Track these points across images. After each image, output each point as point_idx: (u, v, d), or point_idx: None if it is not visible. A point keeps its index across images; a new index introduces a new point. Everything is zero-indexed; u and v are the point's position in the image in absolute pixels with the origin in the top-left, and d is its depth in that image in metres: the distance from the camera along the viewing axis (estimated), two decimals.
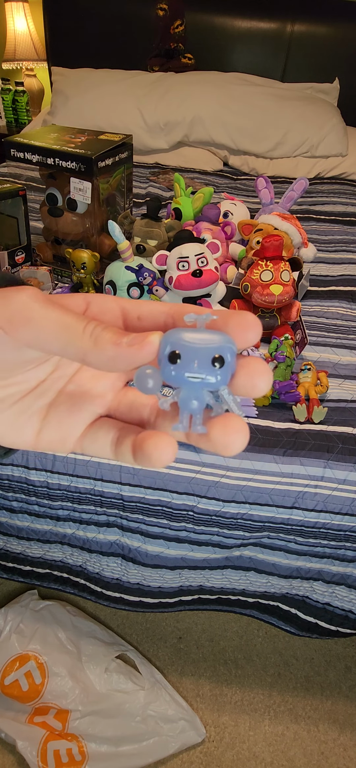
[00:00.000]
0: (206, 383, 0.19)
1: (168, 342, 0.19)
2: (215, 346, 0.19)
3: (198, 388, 0.19)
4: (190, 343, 0.19)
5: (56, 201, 1.09)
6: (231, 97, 1.95)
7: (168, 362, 0.19)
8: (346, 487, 0.73)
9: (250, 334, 0.19)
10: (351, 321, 1.06)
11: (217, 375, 0.19)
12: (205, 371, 0.19)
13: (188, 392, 0.20)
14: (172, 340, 0.19)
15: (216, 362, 0.19)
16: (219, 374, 0.19)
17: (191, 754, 0.98)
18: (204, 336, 0.19)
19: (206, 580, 0.86)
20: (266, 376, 0.19)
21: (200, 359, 0.19)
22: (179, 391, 0.20)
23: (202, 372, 0.19)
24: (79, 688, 0.98)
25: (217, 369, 0.19)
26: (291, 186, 1.25)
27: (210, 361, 0.19)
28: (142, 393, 0.20)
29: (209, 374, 0.19)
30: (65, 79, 2.07)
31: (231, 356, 0.19)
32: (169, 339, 0.19)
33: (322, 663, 1.15)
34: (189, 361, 0.19)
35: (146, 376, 0.19)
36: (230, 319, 0.20)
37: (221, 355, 0.19)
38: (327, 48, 2.14)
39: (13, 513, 0.84)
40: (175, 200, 1.23)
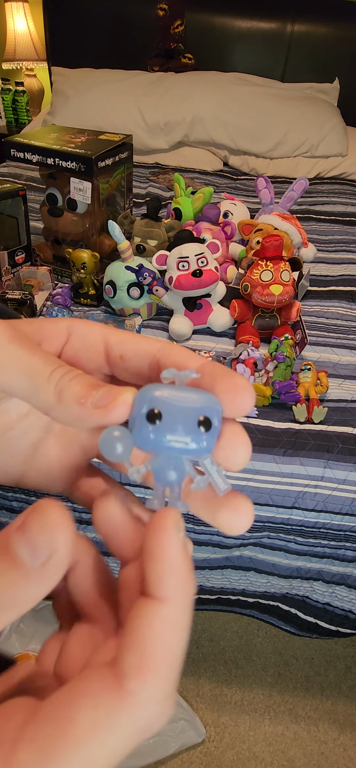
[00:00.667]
0: (190, 450, 0.16)
1: (146, 399, 0.16)
2: (200, 406, 0.16)
3: (177, 455, 0.17)
4: (172, 402, 0.16)
5: (56, 201, 1.09)
6: (231, 97, 1.95)
7: (146, 422, 0.16)
8: (346, 487, 0.73)
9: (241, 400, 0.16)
10: (351, 321, 1.06)
11: (202, 440, 0.16)
12: (190, 435, 0.16)
13: (165, 460, 0.17)
14: (151, 396, 0.16)
15: (202, 425, 0.16)
16: (205, 439, 0.16)
17: (191, 754, 0.98)
18: (186, 395, 0.16)
19: (206, 580, 0.86)
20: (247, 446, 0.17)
21: (184, 421, 0.16)
22: (153, 458, 0.17)
23: (186, 435, 0.16)
24: None
25: (203, 433, 0.16)
26: (291, 186, 1.25)
27: (196, 423, 0.16)
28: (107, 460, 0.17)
29: (195, 439, 0.16)
30: (65, 79, 2.07)
31: (218, 419, 0.16)
32: (147, 395, 0.16)
33: (322, 663, 1.15)
34: (172, 422, 0.16)
35: (113, 440, 0.16)
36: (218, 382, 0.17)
37: (207, 416, 0.16)
38: (327, 48, 2.14)
39: (13, 513, 0.84)
40: (175, 200, 1.23)
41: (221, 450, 0.17)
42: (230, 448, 0.17)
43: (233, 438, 0.17)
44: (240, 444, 0.17)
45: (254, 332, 0.96)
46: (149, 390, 0.16)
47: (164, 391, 0.16)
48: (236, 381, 0.17)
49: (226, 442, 0.17)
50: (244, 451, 0.17)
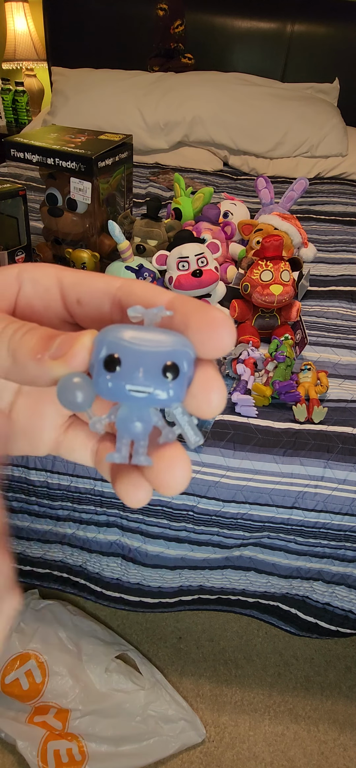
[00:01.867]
0: (154, 399, 0.14)
1: (104, 342, 0.14)
2: (167, 350, 0.14)
3: (143, 405, 0.15)
4: (134, 345, 0.14)
5: (56, 201, 1.09)
6: (231, 97, 1.95)
7: (103, 369, 0.14)
8: (346, 487, 0.73)
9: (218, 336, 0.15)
10: (351, 321, 1.06)
11: (169, 389, 0.14)
12: (152, 383, 0.14)
13: (130, 411, 0.15)
14: (109, 339, 0.14)
15: (168, 371, 0.14)
16: (172, 388, 0.14)
17: (191, 754, 0.98)
18: (153, 336, 0.15)
19: (206, 580, 0.86)
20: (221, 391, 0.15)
21: (146, 367, 0.14)
22: (118, 408, 0.15)
23: (149, 384, 0.14)
24: (80, 688, 0.98)
25: (169, 381, 0.14)
26: (291, 186, 1.25)
27: (160, 369, 0.14)
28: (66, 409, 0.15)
29: (159, 387, 0.14)
30: (65, 79, 2.07)
31: (188, 365, 0.15)
32: (106, 338, 0.14)
33: (322, 663, 1.15)
34: (132, 368, 0.14)
35: (72, 387, 0.15)
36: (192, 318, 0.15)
37: (174, 362, 0.14)
38: (327, 48, 2.14)
39: (13, 513, 0.84)
40: (175, 200, 1.23)
41: (192, 397, 0.15)
42: (201, 394, 0.15)
43: (206, 383, 0.15)
44: (213, 389, 0.15)
45: (254, 332, 0.96)
46: (108, 332, 0.15)
47: (126, 332, 0.15)
48: (213, 315, 0.15)
49: (197, 388, 0.15)
50: (217, 397, 0.15)
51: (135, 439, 0.15)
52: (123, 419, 0.15)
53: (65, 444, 0.20)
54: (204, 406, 0.15)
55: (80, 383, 0.15)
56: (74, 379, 0.15)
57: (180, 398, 0.15)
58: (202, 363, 0.15)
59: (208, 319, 0.15)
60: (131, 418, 0.15)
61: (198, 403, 0.15)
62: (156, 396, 0.14)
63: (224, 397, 0.15)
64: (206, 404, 0.15)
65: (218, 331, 0.15)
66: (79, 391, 0.15)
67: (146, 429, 0.15)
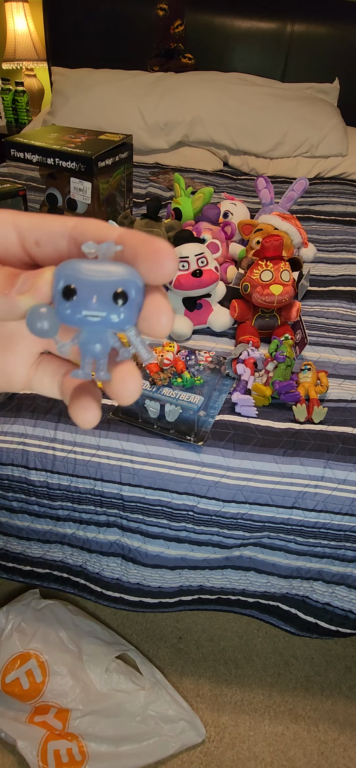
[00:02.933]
0: (108, 322, 0.17)
1: (62, 275, 0.16)
2: (116, 279, 0.16)
3: (100, 329, 0.17)
4: (87, 276, 0.16)
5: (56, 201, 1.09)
6: (231, 97, 1.95)
7: (62, 299, 0.16)
8: (346, 487, 0.73)
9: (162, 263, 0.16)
10: (351, 321, 1.07)
11: (120, 313, 0.16)
12: (105, 308, 0.16)
13: (90, 334, 0.17)
14: (66, 272, 0.16)
15: (119, 298, 0.16)
16: (122, 312, 0.16)
17: (191, 754, 0.98)
18: (105, 268, 0.17)
19: (206, 580, 0.86)
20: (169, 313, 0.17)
21: (99, 294, 0.16)
22: (79, 333, 0.18)
23: (102, 309, 0.16)
24: (80, 688, 0.98)
25: (119, 306, 0.16)
26: (291, 186, 1.25)
27: (111, 296, 0.16)
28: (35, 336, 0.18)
29: (111, 312, 0.16)
30: (65, 79, 2.07)
31: (136, 291, 0.17)
32: (63, 272, 0.16)
33: (322, 663, 1.15)
34: (86, 297, 0.16)
35: (39, 316, 0.17)
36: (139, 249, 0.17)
37: (123, 289, 0.16)
38: (327, 48, 2.14)
39: (13, 513, 0.84)
40: (175, 200, 1.23)
41: (143, 320, 0.17)
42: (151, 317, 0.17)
43: (155, 307, 0.17)
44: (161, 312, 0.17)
45: (254, 332, 0.96)
46: (64, 266, 0.17)
47: (80, 265, 0.16)
48: (156, 245, 0.16)
49: (147, 312, 0.17)
50: (165, 318, 0.17)
51: (96, 359, 0.18)
52: (85, 342, 0.17)
53: (36, 379, 0.22)
54: (156, 328, 0.17)
55: (46, 313, 0.17)
56: (41, 309, 0.17)
57: (131, 321, 0.17)
58: (152, 290, 0.17)
59: (153, 248, 0.16)
60: (91, 341, 0.17)
61: (150, 325, 0.17)
62: (109, 319, 0.17)
63: (172, 319, 0.17)
64: (157, 326, 0.17)
65: (162, 259, 0.16)
66: (46, 320, 0.17)
67: (105, 350, 0.17)
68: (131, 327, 0.17)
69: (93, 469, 0.76)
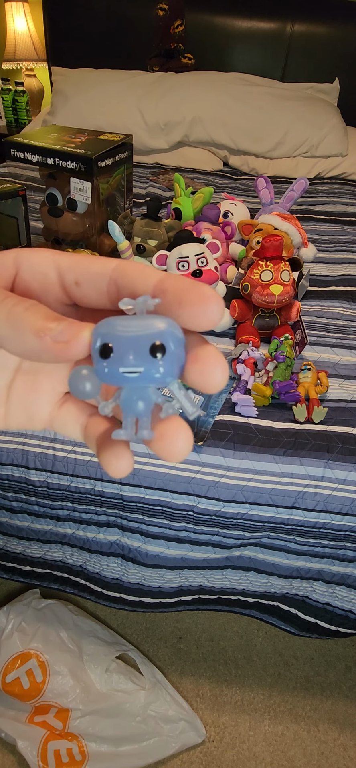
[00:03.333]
0: (148, 377, 0.16)
1: (99, 334, 0.16)
2: (153, 332, 0.16)
3: (141, 385, 0.16)
4: (123, 332, 0.16)
5: (56, 201, 1.09)
6: (231, 97, 1.95)
7: (100, 358, 0.16)
8: (346, 487, 0.73)
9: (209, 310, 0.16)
10: (351, 321, 1.07)
11: (159, 367, 0.16)
12: (143, 363, 0.16)
13: (131, 392, 0.17)
14: (103, 331, 0.16)
15: (157, 351, 0.16)
16: (161, 365, 0.16)
17: (191, 754, 0.99)
18: (142, 322, 0.16)
19: (206, 580, 0.86)
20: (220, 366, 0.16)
21: (135, 349, 0.16)
22: (120, 391, 0.17)
23: (140, 365, 0.16)
24: (80, 688, 0.98)
25: (158, 360, 0.16)
26: (291, 186, 1.25)
27: (148, 350, 0.16)
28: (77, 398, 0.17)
29: (149, 366, 0.16)
30: (65, 79, 2.07)
31: (175, 344, 0.16)
32: (100, 330, 0.16)
33: (322, 663, 1.15)
34: (123, 353, 0.16)
35: (81, 378, 0.17)
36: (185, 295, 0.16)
37: (161, 342, 0.16)
38: (327, 48, 2.14)
39: (13, 513, 0.84)
40: (175, 200, 1.23)
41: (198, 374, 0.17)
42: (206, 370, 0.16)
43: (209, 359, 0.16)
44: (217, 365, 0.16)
45: (254, 332, 0.96)
46: (101, 325, 0.16)
47: (116, 322, 0.16)
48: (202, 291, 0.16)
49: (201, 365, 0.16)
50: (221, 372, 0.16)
51: (138, 417, 0.17)
52: (126, 400, 0.17)
53: (59, 419, 0.21)
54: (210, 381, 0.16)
55: (87, 375, 0.17)
56: (83, 372, 0.17)
57: (172, 374, 0.16)
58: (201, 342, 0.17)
59: (199, 295, 0.16)
60: (133, 399, 0.17)
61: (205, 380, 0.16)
62: (149, 374, 0.16)
63: (227, 372, 0.16)
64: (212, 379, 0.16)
65: (209, 305, 0.16)
66: (88, 382, 0.17)
67: (148, 407, 0.17)
68: (173, 381, 0.16)
69: (93, 469, 0.76)
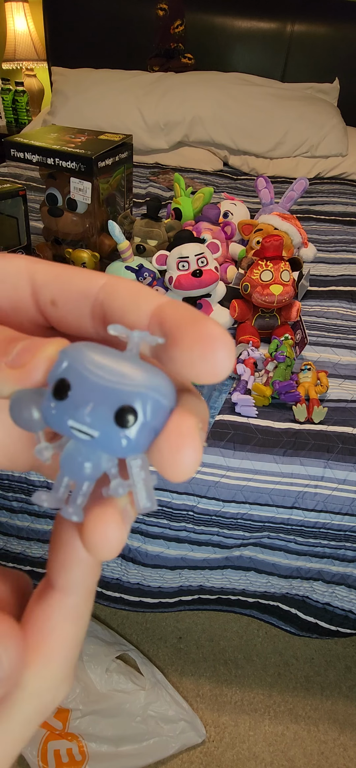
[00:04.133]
0: (103, 446, 0.12)
1: (64, 360, 0.12)
2: (128, 389, 0.12)
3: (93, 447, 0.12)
4: (91, 374, 0.12)
5: (56, 201, 1.09)
6: (231, 97, 1.95)
7: (51, 394, 0.12)
8: (346, 487, 0.73)
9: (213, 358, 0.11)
10: (351, 321, 1.06)
11: (121, 438, 0.12)
12: (100, 426, 0.12)
13: (77, 448, 0.12)
14: (70, 358, 0.12)
15: (126, 418, 0.12)
16: (125, 439, 0.12)
17: (191, 754, 0.98)
18: (122, 368, 0.12)
19: (206, 580, 0.86)
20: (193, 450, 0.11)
21: (96, 404, 0.12)
22: (66, 440, 0.13)
23: (95, 426, 0.12)
24: (80, 688, 0.98)
25: (122, 430, 0.12)
26: (291, 186, 1.25)
27: (113, 412, 0.12)
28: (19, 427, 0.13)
29: (108, 433, 0.12)
30: (65, 79, 2.07)
31: (153, 414, 0.12)
32: (63, 359, 0.12)
33: (322, 663, 1.15)
34: (80, 402, 0.12)
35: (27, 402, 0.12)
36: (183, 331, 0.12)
37: (132, 406, 0.12)
38: (327, 48, 2.14)
39: (13, 513, 0.84)
40: (175, 200, 1.23)
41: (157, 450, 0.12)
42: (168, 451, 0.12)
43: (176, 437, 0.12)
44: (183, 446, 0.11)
45: (254, 332, 0.96)
46: (70, 350, 0.12)
47: (88, 355, 0.12)
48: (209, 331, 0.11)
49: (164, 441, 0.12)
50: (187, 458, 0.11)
51: (77, 483, 0.13)
52: (68, 456, 0.12)
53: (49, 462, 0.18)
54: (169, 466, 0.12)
55: (36, 400, 0.12)
56: (30, 394, 0.12)
57: (137, 450, 0.12)
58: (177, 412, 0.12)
59: (202, 334, 0.11)
60: (77, 457, 0.12)
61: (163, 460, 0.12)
62: (104, 442, 0.12)
63: (197, 461, 0.11)
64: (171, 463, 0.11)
65: (214, 352, 0.11)
66: (36, 410, 0.12)
67: (93, 474, 0.12)
68: (137, 456, 0.12)
69: None
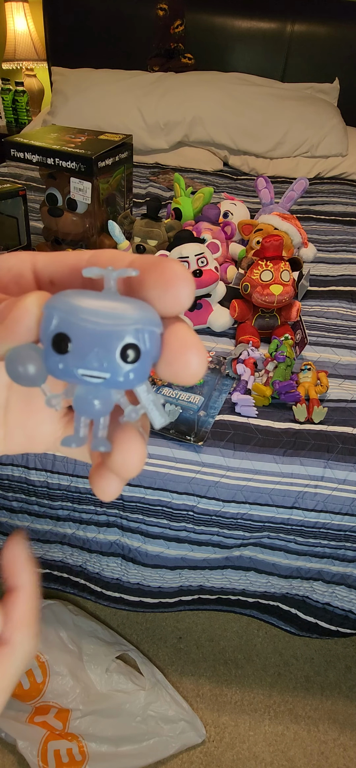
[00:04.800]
0: (115, 384, 0.13)
1: (54, 315, 0.12)
2: (124, 328, 0.12)
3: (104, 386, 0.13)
4: (87, 324, 0.12)
5: (56, 201, 1.09)
6: (231, 97, 1.95)
7: (53, 350, 0.12)
8: (346, 487, 0.73)
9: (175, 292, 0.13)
10: (351, 321, 1.06)
11: (129, 372, 0.13)
12: (109, 368, 0.12)
13: (87, 389, 0.13)
14: (60, 313, 0.12)
15: (128, 352, 0.12)
16: (132, 372, 0.13)
17: (191, 754, 0.98)
18: (111, 309, 0.12)
19: (206, 580, 0.86)
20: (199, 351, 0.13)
21: (101, 349, 0.12)
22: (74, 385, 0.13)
23: (105, 369, 0.12)
24: (80, 688, 0.98)
25: (128, 364, 0.12)
26: (291, 186, 1.25)
27: (118, 352, 0.12)
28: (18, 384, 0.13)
29: (117, 372, 0.12)
30: (65, 79, 2.07)
31: (151, 342, 0.13)
32: (56, 310, 0.12)
33: (322, 663, 1.15)
34: (85, 351, 0.12)
35: (23, 358, 0.13)
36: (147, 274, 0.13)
37: (133, 342, 0.12)
38: (327, 48, 2.14)
39: (13, 513, 0.84)
40: (175, 200, 1.23)
41: (168, 365, 0.13)
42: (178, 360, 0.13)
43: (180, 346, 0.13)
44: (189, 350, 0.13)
45: (254, 332, 0.96)
46: (58, 301, 0.12)
47: (78, 305, 0.12)
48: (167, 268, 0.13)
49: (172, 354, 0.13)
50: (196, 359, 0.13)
51: (94, 420, 0.14)
52: (80, 398, 0.13)
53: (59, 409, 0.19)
54: (183, 372, 0.13)
55: (32, 355, 0.13)
56: (24, 350, 0.13)
57: (144, 379, 0.13)
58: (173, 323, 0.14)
59: (164, 273, 0.13)
60: (89, 397, 0.13)
61: (176, 371, 0.13)
62: (115, 381, 0.13)
63: (204, 358, 0.13)
64: (184, 369, 0.13)
65: (175, 286, 0.13)
66: (32, 364, 0.13)
67: (106, 408, 0.13)
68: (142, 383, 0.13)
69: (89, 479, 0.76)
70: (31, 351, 0.13)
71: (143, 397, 0.14)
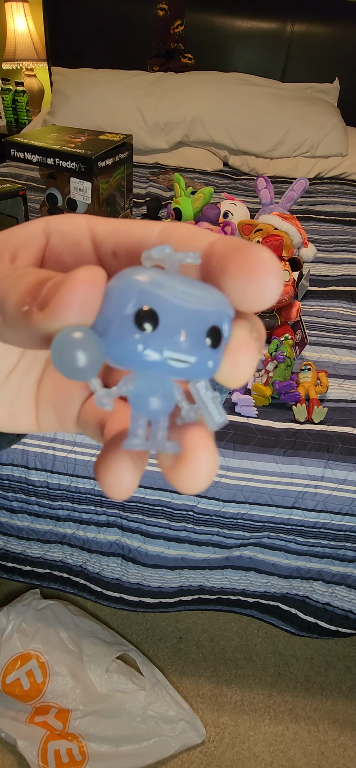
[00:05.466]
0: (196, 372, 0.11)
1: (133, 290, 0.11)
2: (210, 309, 0.11)
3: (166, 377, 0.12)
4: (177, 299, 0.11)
5: (56, 201, 1.10)
6: (231, 97, 1.95)
7: (134, 326, 0.11)
8: (346, 487, 0.73)
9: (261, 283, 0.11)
10: (351, 321, 1.07)
11: (209, 359, 0.11)
12: (196, 351, 0.11)
13: (150, 384, 0.12)
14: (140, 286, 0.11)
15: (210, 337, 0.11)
16: (212, 359, 0.11)
17: (191, 754, 0.98)
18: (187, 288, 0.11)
19: (206, 580, 0.86)
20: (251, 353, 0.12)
21: (190, 330, 0.11)
22: (133, 379, 0.12)
23: (192, 352, 0.11)
24: (80, 688, 0.98)
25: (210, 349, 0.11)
26: (291, 186, 1.24)
27: (204, 334, 0.11)
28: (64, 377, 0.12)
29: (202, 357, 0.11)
30: (65, 79, 2.07)
31: (229, 329, 0.12)
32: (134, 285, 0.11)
33: (322, 663, 1.15)
34: (172, 330, 0.11)
35: (73, 345, 0.11)
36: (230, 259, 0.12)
37: (217, 326, 0.11)
38: (327, 48, 2.14)
39: (13, 513, 0.84)
40: (175, 200, 1.23)
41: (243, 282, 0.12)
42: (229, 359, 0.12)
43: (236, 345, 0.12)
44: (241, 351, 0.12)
45: None
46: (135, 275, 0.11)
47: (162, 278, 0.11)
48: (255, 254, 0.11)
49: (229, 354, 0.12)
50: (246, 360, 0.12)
51: (153, 419, 0.12)
52: (140, 394, 0.12)
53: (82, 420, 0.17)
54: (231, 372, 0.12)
55: (84, 341, 0.11)
56: (74, 334, 0.11)
57: (215, 371, 0.12)
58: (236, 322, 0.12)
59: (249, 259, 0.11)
60: (151, 392, 0.12)
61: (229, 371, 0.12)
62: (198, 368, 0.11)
63: (254, 362, 0.12)
64: (233, 369, 0.12)
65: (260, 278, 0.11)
66: (83, 352, 0.11)
67: (168, 406, 0.12)
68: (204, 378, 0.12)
69: (93, 468, 0.76)
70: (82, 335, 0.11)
71: (202, 393, 0.12)
